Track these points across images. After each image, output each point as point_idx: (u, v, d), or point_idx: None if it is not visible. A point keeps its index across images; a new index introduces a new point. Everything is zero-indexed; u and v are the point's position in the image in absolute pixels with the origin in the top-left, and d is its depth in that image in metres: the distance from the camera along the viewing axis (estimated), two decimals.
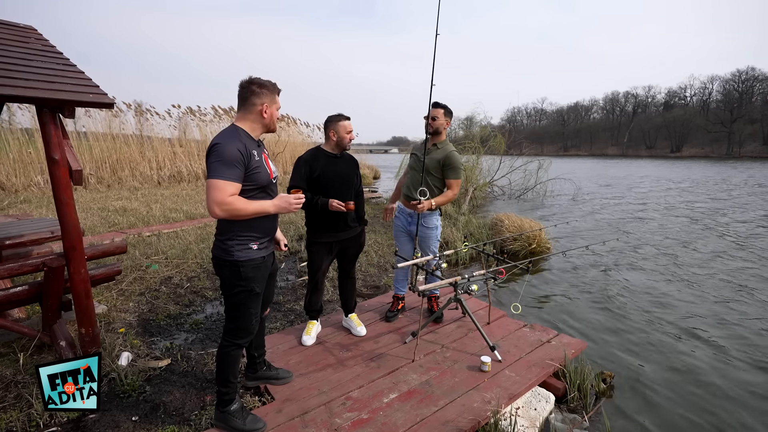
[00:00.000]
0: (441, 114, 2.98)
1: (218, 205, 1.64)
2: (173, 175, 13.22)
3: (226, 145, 1.68)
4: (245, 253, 1.82)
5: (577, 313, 4.11)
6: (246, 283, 1.84)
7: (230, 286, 1.84)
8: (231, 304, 1.88)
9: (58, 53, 2.74)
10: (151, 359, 2.74)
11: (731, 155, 60.40)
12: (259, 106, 1.80)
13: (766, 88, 68.11)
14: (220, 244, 1.83)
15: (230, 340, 1.92)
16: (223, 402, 1.97)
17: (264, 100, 1.80)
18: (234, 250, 1.79)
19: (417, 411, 2.15)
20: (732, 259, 6.01)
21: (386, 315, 3.32)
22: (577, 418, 2.37)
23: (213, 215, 1.67)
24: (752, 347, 3.41)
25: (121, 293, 3.89)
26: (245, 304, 1.88)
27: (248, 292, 1.86)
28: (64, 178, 2.37)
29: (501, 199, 12.84)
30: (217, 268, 1.87)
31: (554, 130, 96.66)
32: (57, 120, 2.37)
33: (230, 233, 1.80)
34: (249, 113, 1.81)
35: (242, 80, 1.82)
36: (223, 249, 1.81)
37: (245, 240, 1.82)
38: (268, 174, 1.85)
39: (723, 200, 12.61)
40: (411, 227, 3.09)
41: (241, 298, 1.86)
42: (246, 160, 1.72)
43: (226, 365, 1.94)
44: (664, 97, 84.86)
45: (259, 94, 1.79)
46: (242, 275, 1.81)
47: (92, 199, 9.26)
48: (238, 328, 1.91)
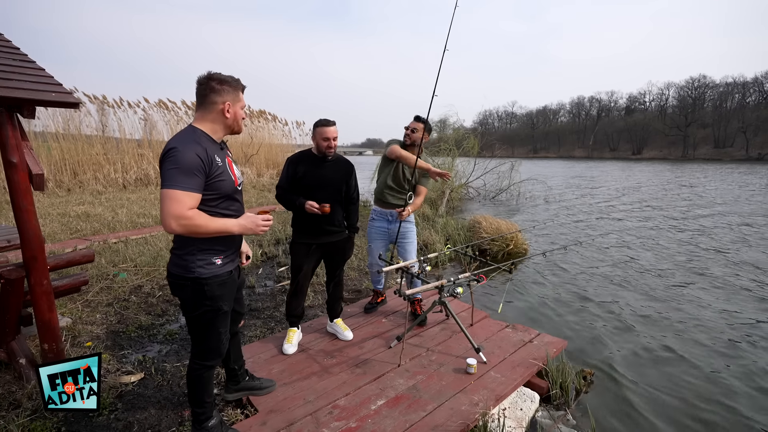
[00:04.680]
0: (421, 128, 3.06)
1: (175, 219, 1.44)
2: (140, 179, 12.63)
3: (184, 150, 1.48)
4: (208, 269, 1.64)
5: (556, 312, 4.21)
6: (212, 302, 1.66)
7: (193, 306, 1.66)
8: (197, 326, 1.72)
9: (15, 48, 2.55)
10: (123, 374, 2.58)
11: (686, 157, 64.14)
12: (221, 105, 1.60)
13: (716, 95, 72.91)
14: (178, 260, 1.63)
15: (200, 362, 1.78)
16: (200, 420, 1.86)
17: (226, 98, 1.61)
18: (195, 267, 1.61)
19: (406, 417, 2.12)
20: (704, 254, 6.35)
21: (365, 307, 3.46)
22: (562, 415, 2.42)
23: (169, 230, 1.47)
24: (727, 339, 3.61)
25: (87, 304, 3.66)
26: (213, 324, 1.72)
27: (215, 311, 1.69)
28: (23, 183, 2.20)
29: (476, 200, 13.06)
30: (176, 289, 1.67)
31: (524, 133, 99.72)
32: (15, 120, 2.20)
33: (190, 247, 1.61)
34: (209, 112, 1.61)
35: (200, 76, 1.60)
36: (181, 266, 1.62)
37: (208, 254, 1.64)
38: (232, 181, 1.68)
39: (689, 200, 13.35)
40: (392, 226, 3.16)
41: (208, 319, 1.70)
42: (207, 167, 1.54)
43: (199, 387, 1.82)
44: (626, 102, 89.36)
45: (219, 91, 1.59)
46: (207, 294, 1.64)
47: (51, 204, 8.71)
48: (207, 349, 1.77)
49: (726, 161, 51.07)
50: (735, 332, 3.73)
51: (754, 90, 68.65)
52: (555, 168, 35.21)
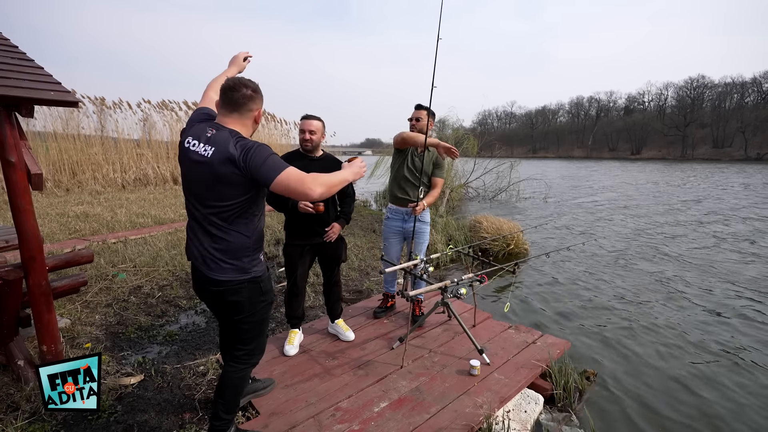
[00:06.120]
0: (424, 115, 3.00)
1: (319, 185, 1.50)
2: (139, 179, 12.60)
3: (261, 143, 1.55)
4: (260, 266, 1.73)
5: (559, 313, 4.19)
6: (266, 296, 1.77)
7: (252, 305, 1.71)
8: (254, 323, 1.77)
9: (14, 47, 2.52)
10: (122, 376, 2.55)
11: (685, 157, 64.20)
12: (255, 112, 1.66)
13: (714, 95, 72.98)
14: (232, 265, 1.64)
15: (248, 361, 1.83)
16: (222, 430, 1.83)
17: (258, 106, 1.66)
18: (251, 267, 1.68)
19: (409, 419, 2.10)
20: (709, 253, 6.34)
21: (374, 311, 3.36)
22: (566, 417, 2.40)
23: (315, 197, 1.51)
24: (730, 339, 3.59)
25: (86, 305, 3.63)
26: (268, 317, 1.84)
27: (269, 303, 1.81)
28: (21, 182, 2.17)
29: (475, 200, 13.04)
30: (230, 294, 1.67)
31: (524, 133, 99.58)
32: (13, 119, 2.17)
33: (245, 249, 1.65)
34: (245, 118, 1.64)
35: (234, 82, 1.60)
36: (238, 269, 1.65)
37: (257, 253, 1.71)
38: None
39: (689, 201, 13.36)
40: (407, 225, 3.11)
41: (264, 313, 1.79)
42: None
43: (240, 389, 1.85)
44: (625, 102, 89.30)
45: (255, 99, 1.63)
46: (263, 289, 1.74)
47: (50, 204, 8.67)
48: (258, 345, 1.85)
49: (725, 161, 51.15)
50: (740, 333, 3.72)
51: (753, 90, 68.72)
52: (554, 168, 35.22)
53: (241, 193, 1.56)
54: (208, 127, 1.59)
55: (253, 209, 1.64)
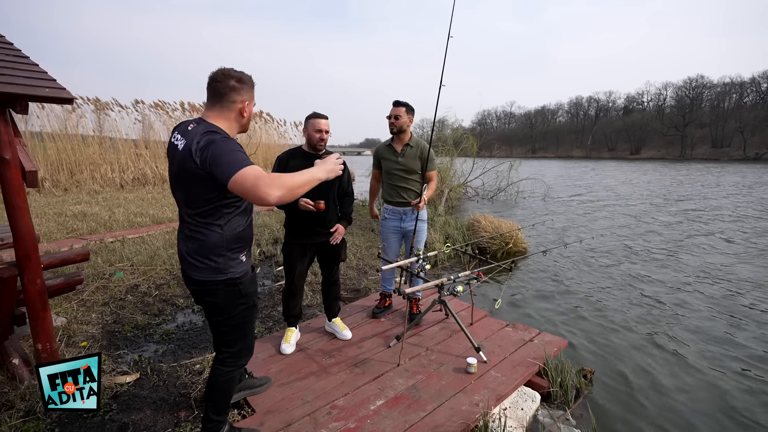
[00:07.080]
0: (403, 112, 2.98)
1: (277, 187, 1.29)
2: (137, 178, 12.56)
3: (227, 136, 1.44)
4: (239, 267, 1.63)
5: (556, 311, 4.19)
6: (247, 299, 1.68)
7: (229, 307, 1.64)
8: (234, 326, 1.70)
9: (8, 44, 2.51)
10: (118, 374, 2.54)
11: (684, 157, 64.27)
12: (239, 104, 1.55)
13: (713, 95, 73.10)
14: (206, 264, 1.56)
15: (233, 363, 1.77)
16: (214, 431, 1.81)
17: (244, 97, 1.56)
18: (227, 267, 1.59)
19: (405, 417, 2.09)
20: (709, 253, 6.34)
21: (373, 311, 3.33)
22: (563, 415, 2.39)
23: (271, 202, 1.29)
24: (729, 339, 3.59)
25: (82, 304, 3.62)
26: (250, 320, 1.75)
27: (251, 307, 1.72)
28: (16, 180, 2.16)
29: (474, 200, 13.05)
30: (206, 295, 1.61)
31: (523, 133, 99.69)
32: (8, 116, 2.16)
33: (218, 248, 1.56)
34: (228, 111, 1.54)
35: (216, 72, 1.53)
36: (213, 268, 1.57)
37: (236, 252, 1.62)
38: None
39: (688, 200, 13.37)
40: (405, 224, 3.10)
41: (245, 316, 1.71)
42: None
43: (230, 391, 1.81)
44: (624, 102, 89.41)
45: (239, 90, 1.54)
46: (242, 292, 1.64)
47: (47, 204, 8.65)
48: (243, 348, 1.79)
49: (723, 161, 51.23)
50: (738, 331, 3.72)
51: (752, 90, 68.89)
52: (553, 168, 35.21)
53: (210, 190, 1.46)
54: (193, 121, 1.54)
55: (229, 207, 1.54)
